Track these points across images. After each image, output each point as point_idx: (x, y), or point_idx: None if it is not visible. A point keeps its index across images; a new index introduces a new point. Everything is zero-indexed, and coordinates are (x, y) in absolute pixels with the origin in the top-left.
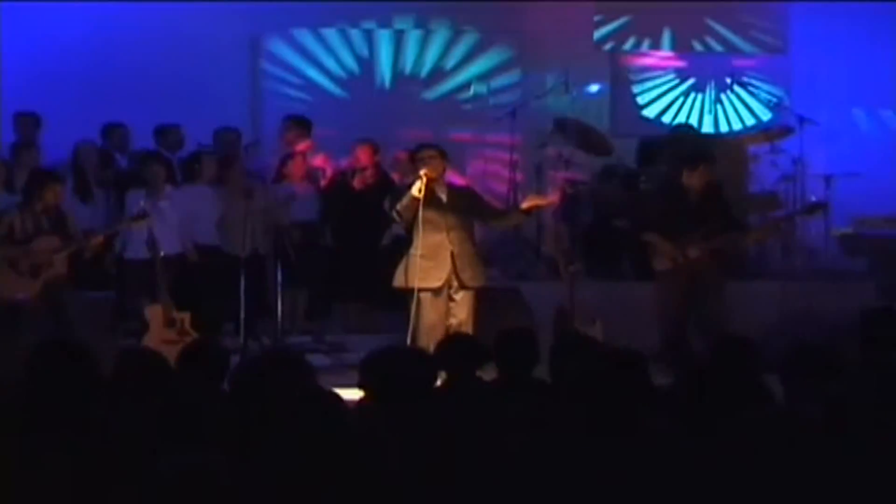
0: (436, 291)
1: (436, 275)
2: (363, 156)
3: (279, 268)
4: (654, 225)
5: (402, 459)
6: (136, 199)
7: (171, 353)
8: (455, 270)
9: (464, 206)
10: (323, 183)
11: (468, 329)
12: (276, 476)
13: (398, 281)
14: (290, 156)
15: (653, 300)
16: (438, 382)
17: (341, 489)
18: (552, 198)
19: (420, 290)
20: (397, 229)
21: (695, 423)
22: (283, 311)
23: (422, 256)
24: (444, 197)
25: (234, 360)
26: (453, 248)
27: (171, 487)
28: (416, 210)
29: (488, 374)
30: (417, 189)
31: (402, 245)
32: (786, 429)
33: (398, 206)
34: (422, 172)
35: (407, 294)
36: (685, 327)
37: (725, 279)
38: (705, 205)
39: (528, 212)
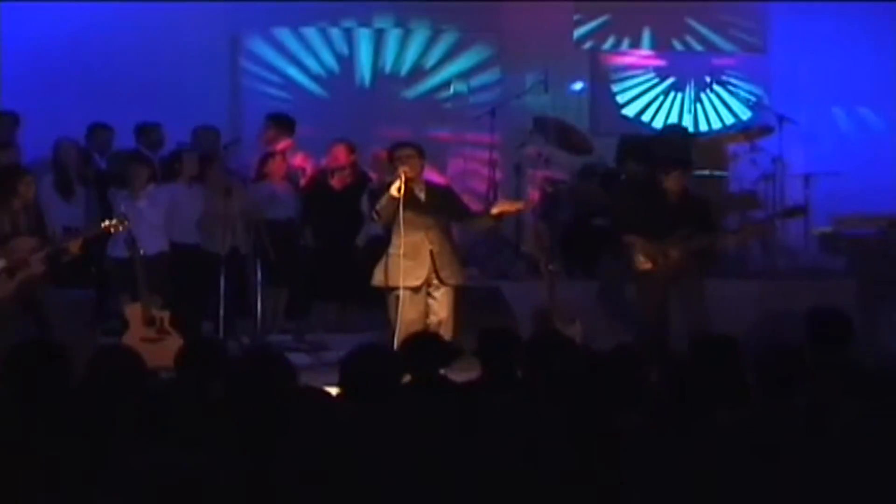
0: (415, 290)
1: (416, 273)
2: (340, 155)
3: (259, 266)
4: (634, 225)
5: (372, 456)
6: (120, 198)
7: (150, 352)
8: (435, 268)
9: (441, 205)
10: (303, 182)
11: (448, 328)
12: (272, 474)
13: (377, 279)
14: (270, 155)
15: (632, 299)
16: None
17: (329, 486)
18: (520, 204)
19: (397, 288)
20: (374, 229)
21: (674, 423)
22: (262, 310)
23: (402, 255)
24: (422, 196)
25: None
26: (433, 247)
27: (150, 487)
28: (396, 209)
29: (469, 372)
30: (396, 188)
31: (380, 244)
32: (764, 429)
33: (377, 207)
34: (400, 171)
35: (386, 293)
36: (665, 328)
37: (705, 279)
38: (685, 205)
39: (498, 218)
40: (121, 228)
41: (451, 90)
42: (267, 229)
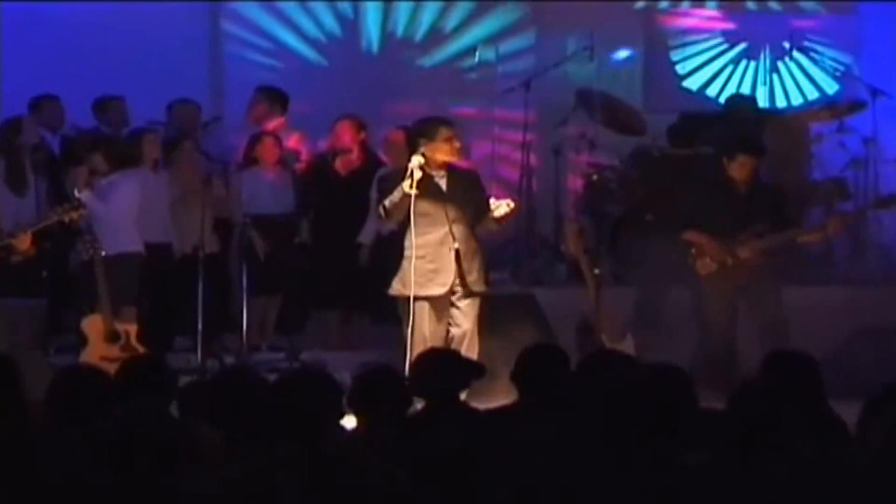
0: (437, 300)
1: (439, 279)
2: (345, 134)
3: (245, 270)
4: (696, 220)
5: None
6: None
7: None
8: (460, 273)
9: (467, 195)
10: (299, 168)
11: (474, 343)
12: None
13: (395, 289)
14: (258, 136)
15: (694, 309)
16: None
17: None
18: (514, 205)
19: (419, 299)
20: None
21: (742, 458)
22: (249, 323)
23: (421, 258)
24: (443, 183)
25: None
26: (458, 246)
27: None
28: (408, 208)
29: (502, 396)
30: (409, 184)
31: (391, 243)
32: (855, 468)
33: (386, 203)
34: (413, 164)
35: (402, 303)
36: (733, 342)
37: (781, 285)
38: (757, 196)
39: (499, 222)
40: (74, 216)
41: (476, 58)
42: (255, 225)
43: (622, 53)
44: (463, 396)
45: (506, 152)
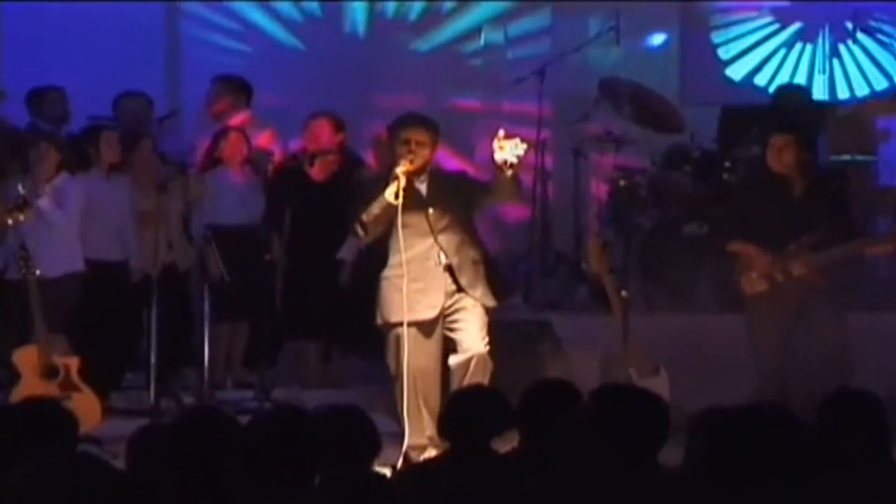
0: (428, 325)
1: (428, 301)
2: (321, 133)
3: (207, 292)
4: (743, 230)
5: None
6: (12, 192)
7: None
8: (458, 287)
9: (453, 197)
10: (269, 171)
11: (486, 368)
12: None
13: (381, 316)
14: (222, 133)
15: (742, 338)
16: (433, 453)
17: None
18: (524, 145)
19: (401, 325)
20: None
21: None
22: (212, 355)
23: (402, 277)
24: (423, 188)
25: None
26: (449, 259)
27: None
28: (390, 221)
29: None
30: (393, 193)
31: (376, 259)
32: None
33: (364, 216)
34: (399, 170)
35: (384, 331)
36: (785, 378)
37: (842, 308)
38: (815, 197)
39: (504, 169)
40: (10, 223)
41: (482, 40)
42: (217, 239)
43: (654, 36)
44: None
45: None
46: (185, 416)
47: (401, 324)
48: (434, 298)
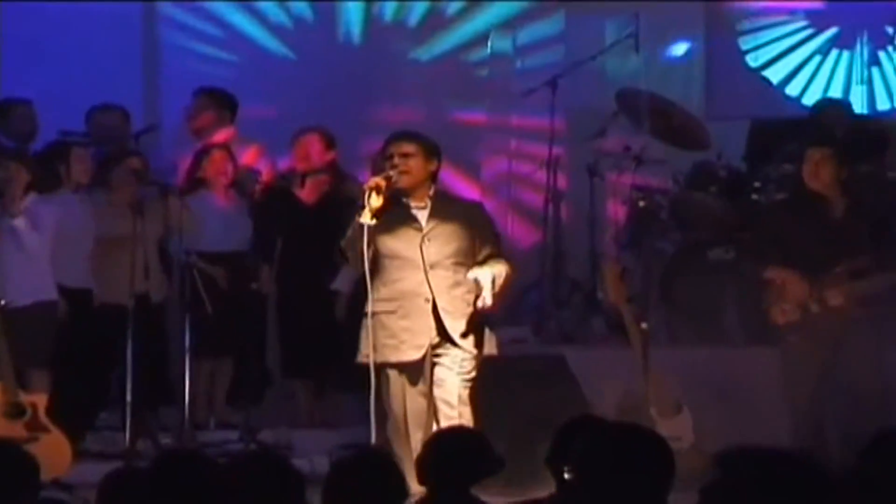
0: (413, 365)
1: (414, 341)
2: (312, 151)
3: (188, 325)
4: (774, 255)
5: None
6: None
7: None
8: (442, 330)
9: (458, 231)
10: (256, 192)
11: (466, 415)
12: None
13: (361, 354)
14: (204, 151)
15: (773, 374)
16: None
17: None
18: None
19: (388, 366)
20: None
21: None
22: (193, 393)
23: (390, 314)
24: (422, 216)
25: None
26: (438, 297)
27: None
28: (366, 246)
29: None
30: (368, 213)
31: None
32: None
33: (342, 241)
34: (367, 185)
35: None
36: (822, 415)
37: (884, 342)
38: (857, 219)
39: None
40: None
41: (489, 48)
42: (202, 266)
43: (677, 43)
44: None
45: (525, 171)
46: (163, 460)
47: (384, 365)
48: (420, 338)
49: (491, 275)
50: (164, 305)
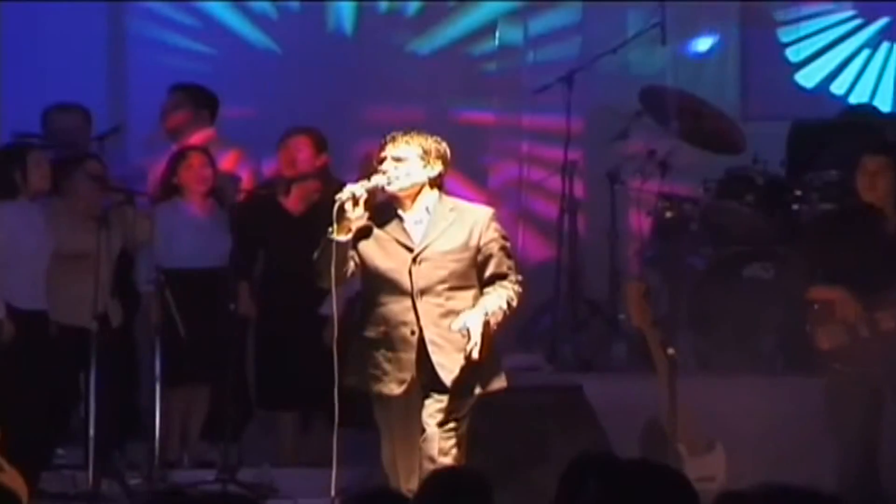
0: (396, 400)
1: (398, 374)
2: (300, 155)
3: (159, 351)
4: (818, 274)
5: None
6: None
7: None
8: (425, 369)
9: (459, 250)
10: (238, 201)
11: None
12: None
13: (348, 379)
14: (180, 155)
15: (818, 404)
16: None
17: None
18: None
19: (370, 395)
20: (355, 285)
21: None
22: (165, 426)
23: (375, 341)
24: (416, 231)
25: None
26: (423, 327)
27: None
28: (343, 265)
29: None
30: (341, 228)
31: None
32: None
33: (315, 257)
34: (346, 194)
35: (373, 398)
36: (874, 451)
37: None
38: None
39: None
40: None
41: (497, 40)
42: (175, 285)
43: (708, 34)
44: None
45: (539, 177)
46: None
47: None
48: (404, 372)
49: (483, 319)
50: (136, 330)
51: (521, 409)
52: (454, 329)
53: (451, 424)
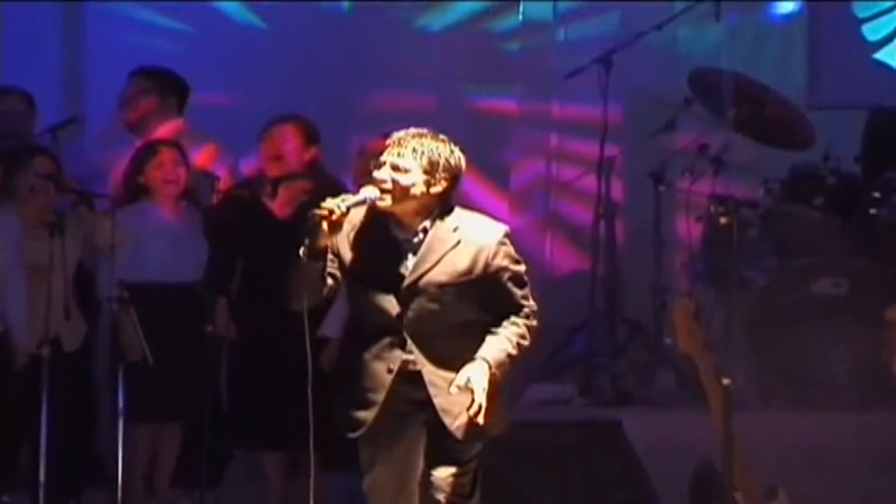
0: (383, 438)
1: (373, 408)
2: (286, 148)
3: (122, 381)
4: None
5: None
6: None
7: None
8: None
9: (460, 274)
10: (214, 203)
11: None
12: None
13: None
14: (147, 150)
15: None
16: None
17: None
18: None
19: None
20: None
21: None
22: (128, 470)
23: (356, 375)
24: (413, 255)
25: None
26: (420, 364)
27: None
28: (318, 283)
29: None
30: (312, 249)
31: None
32: None
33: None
34: (325, 210)
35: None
36: None
37: None
38: None
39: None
40: None
41: (520, 14)
42: (140, 303)
43: (771, 8)
44: None
45: (570, 176)
46: None
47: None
48: (369, 409)
49: (487, 374)
50: (94, 356)
51: (550, 448)
52: (456, 386)
53: (459, 470)
